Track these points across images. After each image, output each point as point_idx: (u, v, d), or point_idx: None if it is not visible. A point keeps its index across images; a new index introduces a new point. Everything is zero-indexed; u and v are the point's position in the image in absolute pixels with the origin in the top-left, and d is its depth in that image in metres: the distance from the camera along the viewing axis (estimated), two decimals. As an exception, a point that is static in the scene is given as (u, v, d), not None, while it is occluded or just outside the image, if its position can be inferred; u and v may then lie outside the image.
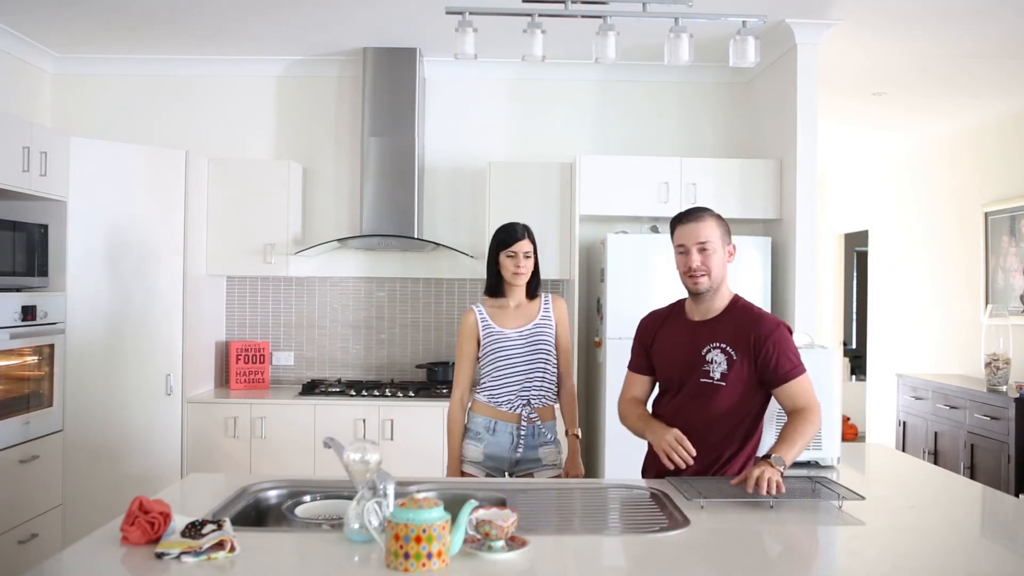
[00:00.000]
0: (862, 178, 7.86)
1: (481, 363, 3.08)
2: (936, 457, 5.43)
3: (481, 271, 4.02)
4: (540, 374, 3.01)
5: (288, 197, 4.70)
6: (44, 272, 4.04)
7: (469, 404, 3.11)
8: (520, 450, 2.97)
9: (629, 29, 3.78)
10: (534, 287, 3.08)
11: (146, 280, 4.33)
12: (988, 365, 5.08)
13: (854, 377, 9.00)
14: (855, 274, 9.27)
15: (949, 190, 6.33)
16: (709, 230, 2.45)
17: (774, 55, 4.55)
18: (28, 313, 3.83)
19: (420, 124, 4.85)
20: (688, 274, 2.46)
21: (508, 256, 2.99)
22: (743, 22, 2.93)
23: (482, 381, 3.06)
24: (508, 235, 3.01)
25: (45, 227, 4.04)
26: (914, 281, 6.85)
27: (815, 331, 4.27)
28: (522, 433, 2.97)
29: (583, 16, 2.86)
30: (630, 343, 2.70)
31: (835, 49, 4.49)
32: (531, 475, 2.99)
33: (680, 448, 2.36)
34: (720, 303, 2.51)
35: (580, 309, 4.81)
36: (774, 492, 2.17)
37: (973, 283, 5.92)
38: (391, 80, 4.75)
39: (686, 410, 2.47)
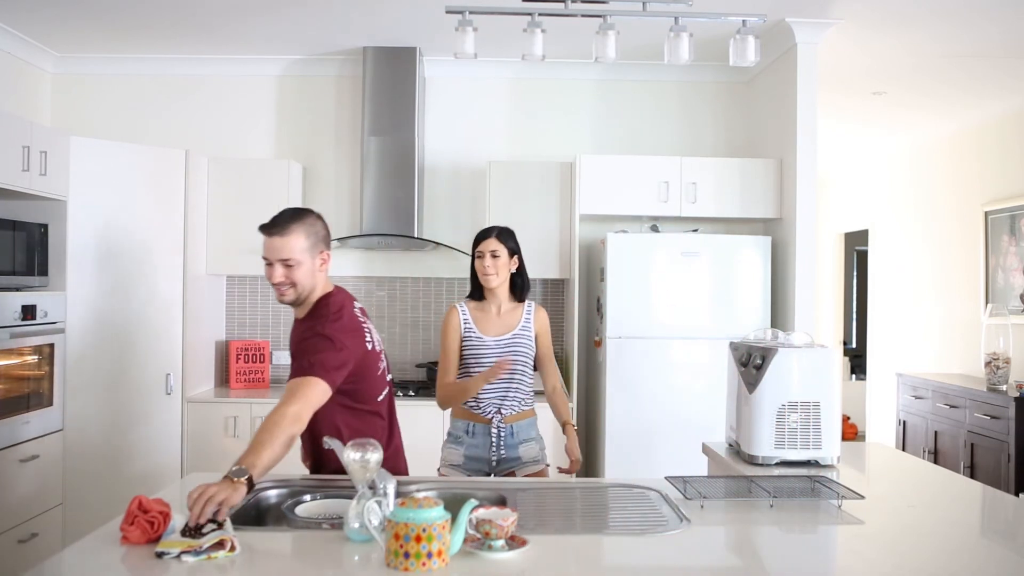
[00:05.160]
0: (862, 178, 7.85)
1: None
2: (936, 456, 5.43)
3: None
4: (516, 384, 3.00)
5: (288, 196, 4.70)
6: (44, 272, 4.04)
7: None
8: (501, 451, 2.96)
9: (629, 28, 3.79)
10: (520, 289, 3.06)
11: (146, 279, 4.33)
12: (988, 364, 5.08)
13: (854, 376, 9.01)
14: (855, 273, 9.28)
15: (949, 189, 6.32)
16: (293, 245, 2.43)
17: (774, 54, 4.55)
18: (28, 313, 3.83)
19: (420, 123, 4.85)
20: (274, 287, 2.46)
21: (477, 256, 3.01)
22: (743, 21, 2.93)
23: None
24: (477, 236, 3.04)
25: (45, 227, 4.04)
26: (914, 280, 6.85)
27: (815, 330, 4.27)
28: (500, 433, 2.96)
29: (583, 15, 2.85)
30: (631, 342, 2.69)
31: (835, 48, 4.49)
32: (513, 473, 2.97)
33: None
34: (311, 302, 2.53)
35: (580, 309, 4.81)
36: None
37: (973, 282, 5.91)
38: (391, 79, 4.75)
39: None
